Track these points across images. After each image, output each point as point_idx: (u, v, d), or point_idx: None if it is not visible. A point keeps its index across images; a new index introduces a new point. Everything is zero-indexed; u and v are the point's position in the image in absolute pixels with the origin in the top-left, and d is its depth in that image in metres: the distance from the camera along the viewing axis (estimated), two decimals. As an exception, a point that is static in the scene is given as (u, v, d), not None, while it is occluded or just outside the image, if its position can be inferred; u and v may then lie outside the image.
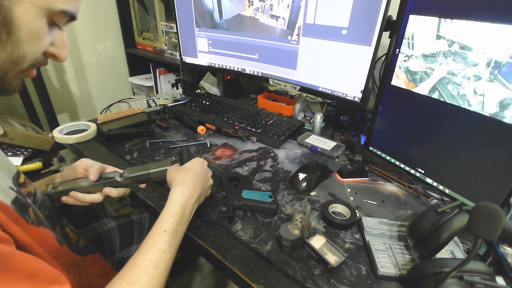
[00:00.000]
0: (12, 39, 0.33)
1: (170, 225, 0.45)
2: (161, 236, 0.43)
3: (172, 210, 0.47)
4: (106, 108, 1.14)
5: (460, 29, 0.55)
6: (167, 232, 0.44)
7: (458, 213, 0.48)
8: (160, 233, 0.44)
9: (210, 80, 1.33)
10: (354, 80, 0.84)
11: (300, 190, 0.69)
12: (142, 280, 0.38)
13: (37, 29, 0.34)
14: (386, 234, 0.57)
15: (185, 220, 0.48)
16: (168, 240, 0.43)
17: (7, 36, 0.32)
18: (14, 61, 0.34)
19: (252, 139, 0.91)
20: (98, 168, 0.57)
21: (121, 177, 0.55)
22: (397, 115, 0.72)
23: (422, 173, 0.70)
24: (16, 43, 0.33)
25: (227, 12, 0.99)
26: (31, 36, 0.34)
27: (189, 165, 0.57)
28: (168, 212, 0.47)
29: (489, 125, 0.55)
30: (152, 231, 0.44)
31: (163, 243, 0.43)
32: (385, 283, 0.49)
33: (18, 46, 0.33)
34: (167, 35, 1.36)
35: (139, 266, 0.39)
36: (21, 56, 0.34)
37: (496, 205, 0.37)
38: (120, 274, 0.39)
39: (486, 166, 0.58)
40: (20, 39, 0.33)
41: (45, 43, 0.36)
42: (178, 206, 0.48)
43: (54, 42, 0.37)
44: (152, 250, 0.42)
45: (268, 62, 1.01)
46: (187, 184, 0.52)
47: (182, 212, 0.48)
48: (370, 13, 0.73)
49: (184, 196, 0.50)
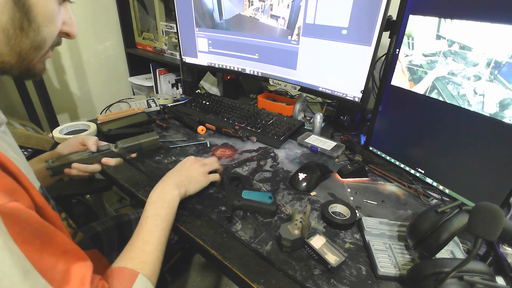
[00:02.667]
0: (33, 26, 0.34)
1: (149, 211, 0.53)
2: (145, 220, 0.51)
3: (148, 200, 0.55)
4: (106, 108, 1.14)
5: (460, 29, 0.55)
6: (148, 217, 0.52)
7: (458, 213, 0.48)
8: (143, 219, 0.52)
9: (210, 80, 1.33)
10: (354, 80, 0.84)
11: (300, 190, 0.69)
12: (140, 254, 0.46)
13: (51, 12, 0.35)
14: (386, 234, 0.57)
15: (166, 204, 0.55)
16: (152, 221, 0.51)
17: (29, 24, 0.34)
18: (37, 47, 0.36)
19: (252, 139, 0.91)
20: (96, 141, 0.62)
21: (116, 148, 0.61)
22: (397, 115, 0.72)
23: (422, 173, 0.70)
24: (36, 29, 0.34)
25: (227, 12, 0.99)
26: (48, 19, 0.35)
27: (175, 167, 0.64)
28: (147, 203, 0.55)
29: (489, 125, 0.55)
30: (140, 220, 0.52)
31: (148, 225, 0.51)
32: (385, 283, 0.49)
33: (38, 32, 0.35)
34: (167, 35, 1.36)
35: (134, 245, 0.47)
36: (42, 41, 0.36)
37: (496, 205, 0.37)
38: (121, 255, 0.46)
39: (486, 166, 0.58)
40: (40, 24, 0.34)
41: (59, 24, 0.38)
42: (152, 196, 0.56)
43: (65, 21, 0.39)
44: (141, 231, 0.50)
45: (268, 62, 1.01)
46: (162, 179, 0.60)
47: (160, 198, 0.55)
48: (370, 13, 0.73)
49: (157, 187, 0.58)
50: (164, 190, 0.57)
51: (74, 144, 0.63)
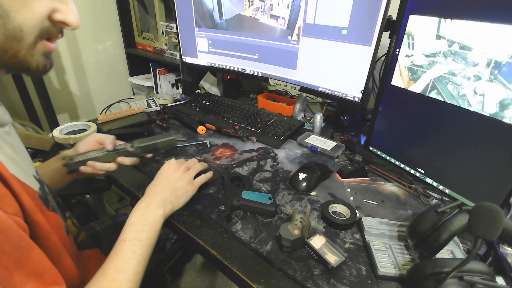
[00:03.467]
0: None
1: (128, 234, 0.47)
2: (121, 244, 0.46)
3: (129, 221, 0.50)
4: (106, 108, 1.14)
5: (460, 29, 0.55)
6: (126, 241, 0.46)
7: (458, 213, 0.48)
8: (120, 242, 0.46)
9: (210, 80, 1.33)
10: (354, 80, 0.84)
11: (300, 190, 0.69)
12: (111, 285, 0.41)
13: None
14: (386, 234, 0.57)
15: (148, 226, 0.49)
16: (130, 247, 0.46)
17: None
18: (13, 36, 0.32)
19: (252, 139, 0.91)
20: (113, 140, 0.62)
21: (132, 147, 0.61)
22: (397, 115, 0.72)
23: (422, 173, 0.70)
24: (5, 16, 0.31)
25: (227, 12, 0.99)
26: (18, 3, 0.32)
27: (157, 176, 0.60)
28: (126, 224, 0.49)
29: (489, 125, 0.55)
30: (116, 243, 0.47)
31: (124, 251, 0.45)
32: (385, 283, 0.49)
33: (8, 18, 0.31)
34: (167, 35, 1.36)
35: (106, 274, 0.42)
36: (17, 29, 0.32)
37: (496, 205, 0.37)
38: (92, 281, 0.41)
39: (486, 166, 0.58)
40: (6, 9, 0.31)
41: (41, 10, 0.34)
42: (134, 216, 0.50)
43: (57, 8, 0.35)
44: (116, 257, 0.44)
45: (268, 62, 1.01)
46: (145, 196, 0.55)
47: (142, 219, 0.50)
48: (370, 13, 0.73)
49: (140, 206, 0.52)
50: (147, 209, 0.52)
51: (91, 142, 0.63)
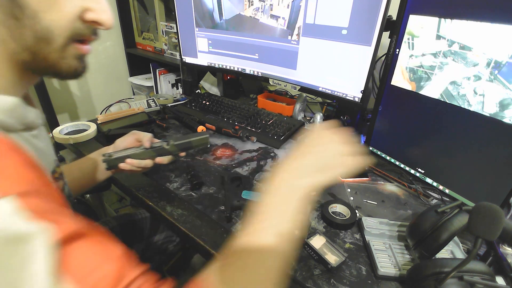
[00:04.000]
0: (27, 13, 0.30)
1: (259, 205, 0.38)
2: (250, 218, 0.37)
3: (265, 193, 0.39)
4: (106, 108, 1.14)
5: (460, 29, 0.55)
6: (256, 212, 0.37)
7: (458, 213, 0.48)
8: (249, 215, 0.37)
9: (210, 80, 1.33)
10: (354, 80, 0.84)
11: (300, 190, 0.69)
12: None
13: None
14: (386, 234, 0.57)
15: (281, 198, 0.37)
16: (258, 221, 0.36)
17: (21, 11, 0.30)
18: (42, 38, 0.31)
19: (252, 139, 0.91)
20: (150, 137, 0.63)
21: (168, 145, 0.62)
22: (397, 115, 0.72)
23: (422, 173, 0.70)
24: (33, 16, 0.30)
25: (227, 12, 0.99)
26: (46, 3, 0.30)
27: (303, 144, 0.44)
28: (260, 203, 0.39)
29: (489, 125, 0.55)
30: (245, 224, 0.38)
31: (251, 225, 0.37)
32: (385, 283, 0.49)
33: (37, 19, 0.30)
34: (167, 35, 1.36)
35: (231, 253, 0.35)
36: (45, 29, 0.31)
37: (496, 205, 0.37)
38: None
39: (486, 166, 0.58)
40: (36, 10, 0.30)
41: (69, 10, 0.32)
42: (275, 183, 0.39)
43: (89, 7, 0.33)
44: (241, 234, 0.36)
45: (268, 62, 1.01)
46: (286, 158, 0.41)
47: (275, 190, 0.38)
48: (370, 13, 0.73)
49: (276, 173, 0.40)
50: (282, 176, 0.39)
51: (130, 140, 0.65)
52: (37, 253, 0.25)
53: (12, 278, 0.24)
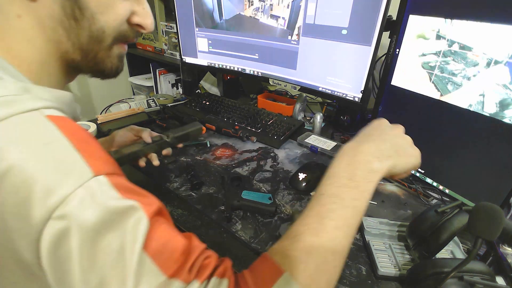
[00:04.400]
0: (86, 14, 0.33)
1: (326, 187, 0.37)
2: (318, 198, 0.36)
3: (329, 172, 0.38)
4: (106, 108, 1.14)
5: (460, 29, 0.55)
6: (324, 195, 0.36)
7: (458, 213, 0.48)
8: (317, 196, 0.37)
9: (210, 80, 1.33)
10: (354, 80, 0.84)
11: (300, 190, 0.69)
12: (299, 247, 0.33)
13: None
14: (386, 234, 0.57)
15: (355, 183, 0.36)
16: (327, 204, 0.35)
17: (81, 12, 0.32)
18: (95, 38, 0.34)
19: (252, 139, 0.91)
20: (150, 132, 0.65)
21: (168, 138, 0.64)
22: (397, 115, 0.72)
23: (422, 173, 0.70)
24: (91, 18, 0.33)
25: (227, 12, 0.99)
26: (103, 5, 0.33)
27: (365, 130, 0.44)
28: (326, 175, 0.38)
29: (489, 125, 0.55)
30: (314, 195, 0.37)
31: (320, 207, 0.35)
32: (385, 283, 0.49)
33: (94, 20, 0.33)
34: (167, 35, 1.36)
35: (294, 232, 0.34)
36: (100, 30, 0.34)
37: (496, 205, 0.37)
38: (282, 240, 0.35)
39: (486, 166, 0.58)
40: (93, 11, 0.33)
41: (122, 12, 0.35)
42: (335, 166, 0.38)
43: (135, 11, 0.36)
44: (310, 214, 0.35)
45: (268, 62, 1.01)
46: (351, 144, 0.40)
47: (346, 172, 0.37)
48: (370, 13, 0.73)
49: (345, 154, 0.39)
50: (355, 159, 0.38)
51: (129, 136, 0.65)
52: (133, 227, 0.27)
53: (109, 251, 0.26)
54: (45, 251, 0.25)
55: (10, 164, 0.25)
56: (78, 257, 0.25)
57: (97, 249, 0.26)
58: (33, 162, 0.26)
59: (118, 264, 0.26)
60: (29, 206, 0.25)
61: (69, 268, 0.25)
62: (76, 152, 0.28)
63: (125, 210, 0.27)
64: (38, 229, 0.25)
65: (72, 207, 0.25)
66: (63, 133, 0.28)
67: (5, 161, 0.25)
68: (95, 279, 0.25)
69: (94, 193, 0.26)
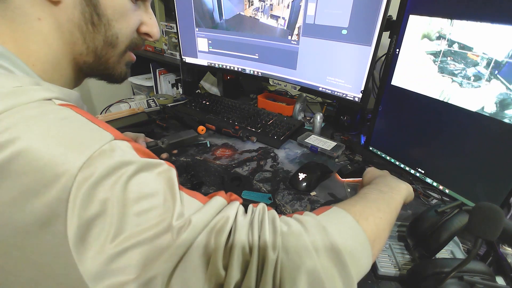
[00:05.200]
0: (103, 20, 0.35)
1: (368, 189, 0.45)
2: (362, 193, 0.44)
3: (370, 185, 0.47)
4: (106, 108, 1.14)
5: (460, 29, 0.55)
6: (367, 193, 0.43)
7: (458, 213, 0.48)
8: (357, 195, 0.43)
9: (210, 80, 1.33)
10: (354, 80, 0.84)
11: (300, 190, 0.69)
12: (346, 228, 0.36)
13: (121, 6, 0.36)
14: (386, 234, 0.56)
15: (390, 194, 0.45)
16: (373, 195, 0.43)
17: (98, 18, 0.35)
18: (109, 43, 0.37)
19: (252, 139, 0.91)
20: (144, 138, 0.66)
21: (163, 144, 0.65)
22: (397, 115, 0.72)
23: (422, 173, 0.70)
24: (107, 24, 0.36)
25: (227, 12, 0.99)
26: (118, 13, 0.36)
27: None
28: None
29: (489, 125, 0.55)
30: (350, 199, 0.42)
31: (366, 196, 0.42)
32: (385, 283, 0.49)
33: (109, 26, 0.36)
34: (167, 35, 1.36)
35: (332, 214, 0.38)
36: (114, 36, 0.37)
37: (496, 205, 0.37)
38: None
39: (486, 166, 0.58)
40: (109, 18, 0.35)
41: (134, 21, 0.38)
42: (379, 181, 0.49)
43: (144, 21, 0.40)
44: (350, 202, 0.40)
45: (268, 62, 1.01)
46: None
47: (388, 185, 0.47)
48: (370, 13, 0.73)
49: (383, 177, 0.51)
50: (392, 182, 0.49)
51: None
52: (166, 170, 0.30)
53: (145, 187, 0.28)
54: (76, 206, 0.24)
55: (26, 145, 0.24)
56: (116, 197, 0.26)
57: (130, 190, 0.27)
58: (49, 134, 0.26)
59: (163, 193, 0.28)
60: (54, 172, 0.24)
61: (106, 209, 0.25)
62: (93, 124, 0.29)
63: (154, 164, 0.29)
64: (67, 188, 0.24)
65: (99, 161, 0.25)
66: (78, 113, 0.29)
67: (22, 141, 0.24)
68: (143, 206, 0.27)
69: (119, 149, 0.28)
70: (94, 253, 0.24)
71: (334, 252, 0.30)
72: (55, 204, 0.24)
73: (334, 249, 0.30)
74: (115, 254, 0.25)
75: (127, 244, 0.25)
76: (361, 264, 0.32)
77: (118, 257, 0.25)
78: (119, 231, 0.25)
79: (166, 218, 0.27)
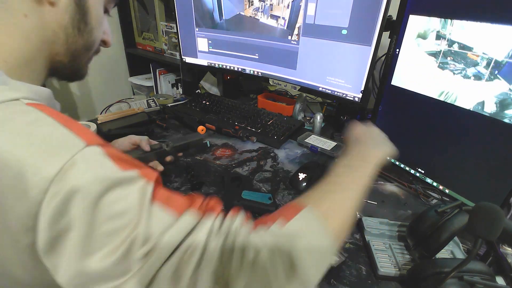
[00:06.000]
0: (88, 28, 0.38)
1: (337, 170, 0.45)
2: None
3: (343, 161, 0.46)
4: (106, 108, 1.14)
5: (460, 29, 0.55)
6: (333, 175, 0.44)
7: (458, 213, 0.48)
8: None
9: (210, 80, 1.33)
10: (354, 80, 0.84)
11: (300, 190, 0.69)
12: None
13: (101, 15, 0.39)
14: (386, 234, 0.57)
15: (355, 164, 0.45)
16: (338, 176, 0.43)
17: (85, 25, 0.37)
18: (88, 47, 0.40)
19: (252, 139, 0.91)
20: (148, 140, 0.67)
21: (168, 146, 0.65)
22: (397, 115, 0.72)
23: (422, 173, 0.70)
24: (90, 31, 0.38)
25: (227, 12, 0.99)
26: (98, 23, 0.39)
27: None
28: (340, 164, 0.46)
29: (489, 125, 0.55)
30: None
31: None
32: (385, 283, 0.49)
33: (91, 33, 0.38)
34: (167, 35, 1.36)
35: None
36: (92, 42, 0.40)
37: (496, 205, 0.37)
38: None
39: (486, 166, 0.58)
40: (92, 26, 0.38)
41: (103, 29, 0.41)
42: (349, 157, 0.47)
43: (105, 29, 0.42)
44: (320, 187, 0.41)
45: (268, 62, 1.01)
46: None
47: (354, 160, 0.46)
48: (370, 13, 0.73)
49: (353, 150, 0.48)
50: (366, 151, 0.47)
51: (126, 144, 0.66)
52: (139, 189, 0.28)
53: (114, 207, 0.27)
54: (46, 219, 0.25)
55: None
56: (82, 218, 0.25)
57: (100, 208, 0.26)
58: (18, 141, 0.25)
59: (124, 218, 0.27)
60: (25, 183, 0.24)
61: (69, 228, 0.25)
62: (64, 128, 0.28)
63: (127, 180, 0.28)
64: (37, 201, 0.24)
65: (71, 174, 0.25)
66: (48, 114, 0.28)
67: None
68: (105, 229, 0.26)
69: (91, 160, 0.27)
70: (65, 266, 0.26)
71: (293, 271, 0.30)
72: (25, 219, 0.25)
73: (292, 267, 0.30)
74: (84, 271, 0.26)
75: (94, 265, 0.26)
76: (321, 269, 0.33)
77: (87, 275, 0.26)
78: (87, 250, 0.26)
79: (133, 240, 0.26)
